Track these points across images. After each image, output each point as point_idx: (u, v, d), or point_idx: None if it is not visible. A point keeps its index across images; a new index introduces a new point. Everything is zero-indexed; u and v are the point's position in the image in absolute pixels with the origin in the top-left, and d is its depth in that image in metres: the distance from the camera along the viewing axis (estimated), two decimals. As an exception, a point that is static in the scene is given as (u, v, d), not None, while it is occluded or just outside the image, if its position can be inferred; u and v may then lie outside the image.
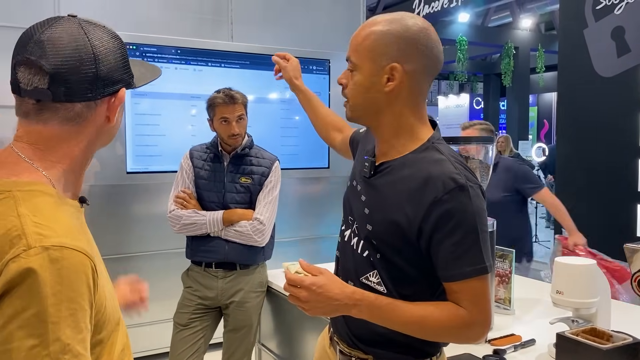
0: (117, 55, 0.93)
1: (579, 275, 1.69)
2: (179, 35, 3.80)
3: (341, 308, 1.22)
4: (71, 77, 0.88)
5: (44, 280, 0.76)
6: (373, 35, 1.24)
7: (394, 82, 1.24)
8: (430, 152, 1.25)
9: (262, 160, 2.57)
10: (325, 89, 4.37)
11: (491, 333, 1.92)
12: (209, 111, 2.51)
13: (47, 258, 0.77)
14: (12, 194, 0.84)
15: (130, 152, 3.68)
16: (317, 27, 4.38)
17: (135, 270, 3.63)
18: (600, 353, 1.41)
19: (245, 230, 2.46)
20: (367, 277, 1.31)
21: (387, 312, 1.21)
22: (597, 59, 4.00)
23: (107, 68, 0.91)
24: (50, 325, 0.76)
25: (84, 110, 0.91)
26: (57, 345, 0.76)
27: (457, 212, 1.16)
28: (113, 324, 0.94)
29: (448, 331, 1.22)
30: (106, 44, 0.92)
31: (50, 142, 0.90)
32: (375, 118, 1.30)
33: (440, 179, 1.18)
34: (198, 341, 2.52)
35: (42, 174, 0.88)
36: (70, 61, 0.87)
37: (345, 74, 1.33)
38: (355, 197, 1.37)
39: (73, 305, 0.78)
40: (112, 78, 0.92)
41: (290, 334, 2.59)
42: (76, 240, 0.82)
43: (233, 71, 3.97)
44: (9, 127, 3.26)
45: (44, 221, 0.82)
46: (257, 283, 2.58)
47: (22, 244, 0.78)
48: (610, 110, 3.87)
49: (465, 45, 12.63)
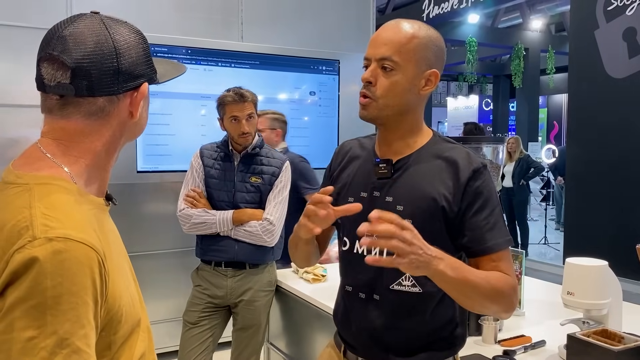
0: (139, 50, 0.94)
1: (590, 276, 1.68)
2: (189, 35, 3.82)
3: (432, 261, 1.12)
4: (93, 71, 0.88)
5: (46, 271, 0.75)
6: (416, 40, 1.30)
7: (430, 87, 1.33)
8: (442, 143, 1.37)
9: (273, 160, 2.57)
10: (334, 90, 4.38)
11: (501, 334, 1.91)
12: (219, 110, 2.52)
13: (50, 249, 0.77)
14: (29, 187, 0.84)
15: (141, 152, 3.71)
16: (327, 28, 4.39)
17: (145, 269, 3.65)
18: (611, 355, 1.40)
19: (255, 230, 2.46)
20: (399, 283, 1.32)
21: (464, 270, 1.20)
22: (608, 60, 3.98)
23: (128, 62, 0.92)
24: (49, 317, 0.75)
25: (107, 105, 0.91)
26: (54, 338, 0.74)
27: (484, 189, 1.29)
28: (131, 324, 0.92)
29: (502, 294, 1.24)
30: (127, 38, 0.93)
31: (74, 137, 0.91)
32: (399, 118, 1.33)
33: (465, 161, 1.30)
34: (207, 339, 2.53)
35: (63, 170, 0.89)
36: (92, 55, 0.88)
37: (373, 72, 1.30)
38: (371, 205, 1.30)
39: (74, 298, 0.77)
40: (134, 72, 0.93)
41: (299, 333, 2.59)
42: (83, 234, 0.81)
43: (243, 71, 3.98)
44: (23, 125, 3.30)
45: (54, 214, 0.81)
46: (266, 282, 2.59)
47: (29, 235, 0.78)
48: (621, 111, 3.85)
49: (475, 47, 12.60)
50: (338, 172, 1.47)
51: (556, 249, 8.11)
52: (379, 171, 1.35)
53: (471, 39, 12.63)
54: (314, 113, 4.34)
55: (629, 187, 3.76)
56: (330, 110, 4.38)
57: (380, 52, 1.29)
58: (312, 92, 4.31)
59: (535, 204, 10.66)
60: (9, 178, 0.88)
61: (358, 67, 1.41)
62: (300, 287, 2.53)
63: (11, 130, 3.33)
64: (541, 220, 9.21)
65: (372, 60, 1.31)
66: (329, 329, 1.63)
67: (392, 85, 1.29)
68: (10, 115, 3.30)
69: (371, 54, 1.32)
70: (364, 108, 1.32)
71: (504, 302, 1.27)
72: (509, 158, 7.47)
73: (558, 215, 9.84)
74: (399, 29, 1.30)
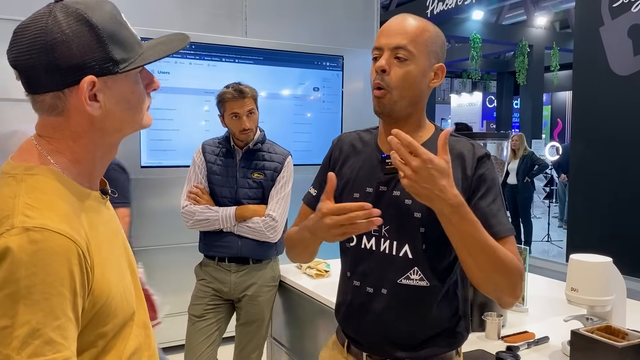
0: (84, 41, 0.85)
1: (594, 272, 1.68)
2: (193, 30, 3.81)
3: (442, 202, 1.15)
4: (27, 69, 0.85)
5: (20, 261, 0.75)
6: (428, 33, 1.31)
7: (437, 80, 1.35)
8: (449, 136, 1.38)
9: (275, 155, 2.57)
10: (338, 86, 4.37)
11: (504, 330, 1.91)
12: (219, 107, 2.52)
13: (26, 239, 0.76)
14: (20, 178, 0.85)
15: (145, 147, 3.71)
16: (331, 24, 4.38)
17: (149, 263, 3.66)
18: (615, 351, 1.40)
19: (258, 227, 2.47)
20: (407, 277, 1.32)
21: (477, 228, 1.19)
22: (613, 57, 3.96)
23: (66, 56, 0.84)
24: (21, 307, 0.74)
25: (55, 102, 0.87)
26: (25, 328, 0.74)
27: (488, 176, 1.32)
28: (122, 318, 0.91)
29: (510, 270, 1.23)
30: (69, 30, 0.84)
31: (50, 133, 0.90)
32: (409, 110, 1.34)
33: (470, 153, 1.34)
34: (213, 333, 2.54)
35: (50, 162, 0.89)
36: (26, 52, 0.84)
37: (388, 61, 1.29)
38: (378, 200, 1.33)
39: (48, 289, 0.76)
40: (75, 66, 0.85)
41: (302, 328, 2.60)
42: (63, 225, 0.80)
43: (247, 67, 3.98)
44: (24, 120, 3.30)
45: (36, 204, 0.81)
46: (270, 277, 2.59)
47: (8, 223, 0.78)
48: (626, 109, 3.83)
49: (479, 43, 12.57)
50: (340, 166, 1.45)
51: (559, 246, 8.10)
52: (386, 167, 1.33)
53: (475, 35, 12.60)
54: (317, 109, 4.34)
55: (633, 186, 3.74)
56: (334, 106, 4.38)
57: (395, 41, 1.28)
58: (316, 88, 4.30)
59: (538, 202, 10.64)
60: (5, 168, 0.89)
61: (362, 63, 1.41)
62: (304, 283, 2.53)
63: (12, 124, 3.33)
64: (544, 218, 9.20)
65: (385, 50, 1.30)
66: (332, 324, 1.63)
67: (406, 75, 1.29)
68: (12, 109, 3.30)
69: (384, 43, 1.30)
70: (379, 101, 1.31)
71: (511, 279, 1.24)
72: (513, 155, 7.46)
73: (561, 213, 9.83)
74: (411, 21, 1.31)
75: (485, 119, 17.93)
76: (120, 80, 0.90)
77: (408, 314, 1.34)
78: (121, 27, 0.90)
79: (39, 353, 0.75)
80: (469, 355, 1.70)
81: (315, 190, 1.50)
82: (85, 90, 0.86)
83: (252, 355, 2.61)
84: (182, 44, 0.97)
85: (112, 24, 0.89)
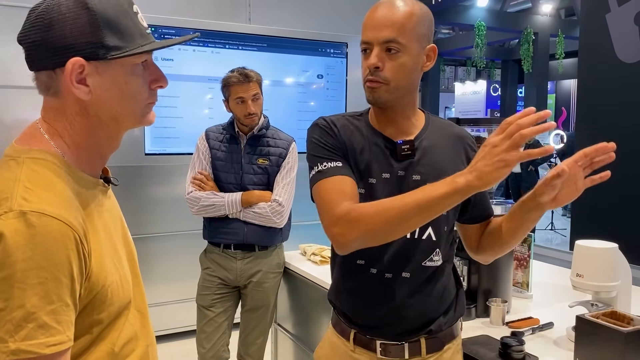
0: (77, 24, 0.86)
1: (599, 258, 1.67)
2: (197, 17, 3.81)
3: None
4: (27, 45, 0.88)
5: (16, 244, 0.75)
6: (415, 17, 1.27)
7: (430, 63, 1.34)
8: (438, 120, 1.45)
9: (279, 141, 2.57)
10: (342, 73, 4.35)
11: (509, 316, 1.92)
12: (224, 91, 2.51)
13: (23, 222, 0.77)
14: (21, 161, 0.85)
15: (149, 134, 3.71)
16: (335, 10, 4.35)
17: (153, 250, 3.68)
18: (620, 336, 1.40)
19: (264, 212, 2.47)
20: (430, 259, 1.36)
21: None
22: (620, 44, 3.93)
23: (58, 35, 0.86)
24: (16, 290, 0.74)
25: (49, 81, 0.89)
26: (20, 312, 0.74)
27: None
28: (118, 305, 0.91)
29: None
30: (65, 10, 0.86)
31: (50, 115, 0.91)
32: (406, 98, 1.34)
33: (464, 134, 1.43)
34: (222, 323, 2.55)
35: (52, 146, 0.89)
36: (29, 30, 0.88)
37: (380, 56, 1.26)
38: (399, 185, 1.31)
39: (43, 273, 0.76)
40: (64, 47, 0.86)
41: (307, 314, 2.61)
42: (61, 210, 0.81)
43: (250, 54, 3.96)
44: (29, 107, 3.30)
45: (35, 188, 0.82)
46: (275, 264, 2.60)
47: (6, 206, 0.78)
48: (632, 97, 3.81)
49: (483, 31, 12.50)
50: (347, 146, 1.35)
51: (563, 235, 8.10)
52: (402, 152, 1.33)
53: (480, 23, 12.52)
54: (321, 97, 4.32)
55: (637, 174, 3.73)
56: (338, 94, 4.36)
57: (383, 35, 1.25)
58: (320, 75, 4.29)
59: (542, 190, 10.59)
60: (9, 151, 0.89)
61: None
62: (308, 269, 2.54)
63: (16, 111, 3.33)
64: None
65: (374, 44, 1.26)
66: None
67: (400, 67, 1.27)
68: (16, 96, 3.30)
69: (372, 37, 1.26)
70: (373, 91, 1.28)
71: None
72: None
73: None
74: (396, 8, 1.26)
75: (489, 108, 17.83)
76: (112, 67, 0.89)
77: (427, 295, 1.36)
78: (124, 16, 0.90)
79: (32, 336, 0.75)
80: (473, 341, 1.70)
81: (338, 163, 1.32)
82: (71, 71, 0.86)
83: (257, 341, 2.62)
84: (185, 39, 0.99)
85: (113, 11, 0.89)
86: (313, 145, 1.37)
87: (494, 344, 1.66)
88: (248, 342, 2.62)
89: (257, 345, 2.62)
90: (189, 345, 2.79)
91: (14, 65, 3.15)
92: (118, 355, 0.92)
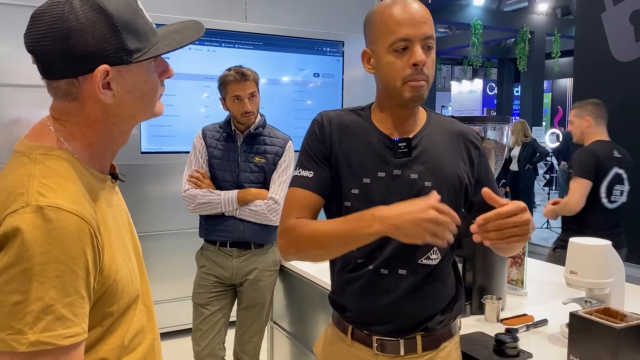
0: (99, 30, 0.86)
1: (593, 255, 1.68)
2: (193, 15, 3.80)
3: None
4: (42, 55, 0.86)
5: (34, 238, 0.77)
6: (428, 13, 1.30)
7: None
8: (439, 117, 1.44)
9: (276, 139, 2.57)
10: (339, 72, 4.36)
11: (503, 313, 1.93)
12: (221, 90, 2.52)
13: (40, 217, 0.78)
14: (33, 156, 0.87)
15: (145, 132, 3.71)
16: (331, 9, 4.35)
17: (149, 249, 3.68)
18: (613, 332, 1.41)
19: (260, 210, 2.47)
20: (427, 257, 1.35)
21: None
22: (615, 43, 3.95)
23: (81, 44, 0.85)
24: (34, 283, 0.76)
25: (70, 88, 0.88)
26: (38, 304, 0.76)
27: (482, 151, 1.44)
28: (128, 299, 0.93)
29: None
30: (84, 18, 0.85)
31: (64, 116, 0.91)
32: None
33: (466, 131, 1.43)
34: (218, 321, 2.56)
35: (64, 143, 0.90)
36: (42, 39, 0.85)
37: (425, 53, 1.26)
38: (395, 184, 1.31)
39: (61, 267, 0.78)
40: (89, 55, 0.86)
41: (303, 312, 2.61)
42: (76, 205, 0.82)
43: (247, 52, 3.97)
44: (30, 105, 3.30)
45: (50, 183, 0.83)
46: (271, 262, 2.60)
47: (22, 201, 0.80)
48: (627, 95, 3.83)
49: (479, 30, 12.52)
50: (337, 144, 1.35)
51: (558, 233, 8.11)
52: (399, 150, 1.32)
53: (476, 22, 12.53)
54: (317, 95, 4.32)
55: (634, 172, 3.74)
56: (334, 92, 4.37)
57: (423, 31, 1.24)
58: (316, 73, 4.29)
59: (538, 189, 10.64)
60: (19, 147, 0.90)
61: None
62: (304, 267, 2.54)
63: (18, 109, 3.33)
64: (544, 205, 9.20)
65: (415, 41, 1.24)
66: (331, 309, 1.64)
67: (433, 63, 1.30)
68: (18, 94, 3.29)
69: (413, 34, 1.24)
70: (418, 90, 1.26)
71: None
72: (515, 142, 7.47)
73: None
74: (420, 4, 1.29)
75: (485, 107, 17.87)
76: (133, 69, 0.91)
77: (424, 292, 1.37)
78: (136, 16, 0.91)
79: (50, 328, 0.77)
80: (468, 338, 1.71)
81: (310, 172, 1.36)
82: (99, 78, 0.87)
83: (253, 339, 2.63)
84: (197, 34, 0.99)
85: (127, 13, 0.89)
86: (302, 145, 1.42)
87: (488, 340, 1.67)
88: (244, 340, 2.63)
89: (253, 343, 2.63)
90: (185, 343, 2.79)
91: (8, 64, 3.15)
92: (127, 348, 0.94)
